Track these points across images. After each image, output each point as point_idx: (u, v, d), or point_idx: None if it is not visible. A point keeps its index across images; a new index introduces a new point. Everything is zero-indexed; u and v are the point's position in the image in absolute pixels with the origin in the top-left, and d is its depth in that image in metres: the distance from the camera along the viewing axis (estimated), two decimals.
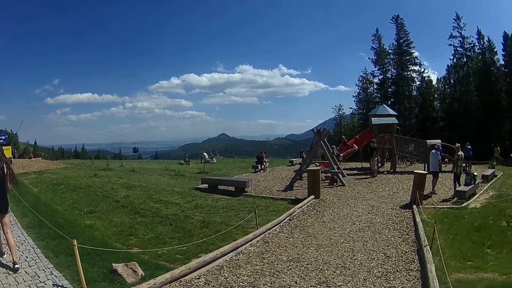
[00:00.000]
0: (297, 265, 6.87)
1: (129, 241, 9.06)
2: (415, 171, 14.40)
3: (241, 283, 5.87)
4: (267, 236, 8.92)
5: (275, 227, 9.62)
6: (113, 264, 5.81)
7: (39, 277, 5.48)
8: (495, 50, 52.00)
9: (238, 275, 6.24)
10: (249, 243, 8.10)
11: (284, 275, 6.35)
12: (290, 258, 7.33)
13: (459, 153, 15.09)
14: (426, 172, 14.19)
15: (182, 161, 30.83)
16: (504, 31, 51.26)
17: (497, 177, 18.70)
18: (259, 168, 22.53)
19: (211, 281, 5.89)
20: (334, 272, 6.55)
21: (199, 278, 5.98)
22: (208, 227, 10.13)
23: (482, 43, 52.44)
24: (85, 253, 6.09)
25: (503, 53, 51.01)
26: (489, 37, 52.80)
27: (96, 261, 6.40)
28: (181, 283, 5.69)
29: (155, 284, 5.14)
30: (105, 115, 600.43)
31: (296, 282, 6.04)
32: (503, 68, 50.98)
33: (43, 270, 5.79)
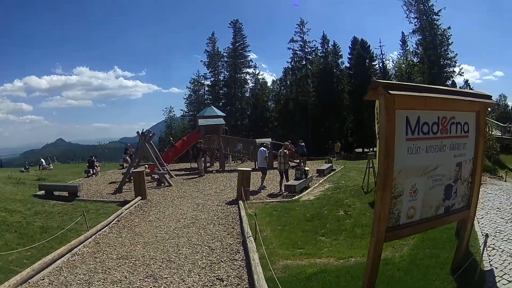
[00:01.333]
0: (126, 262, 7.46)
1: None
2: (238, 168, 15.60)
3: (78, 281, 6.45)
4: (98, 237, 9.39)
5: (105, 228, 10.15)
6: None
7: None
8: (340, 53, 57.41)
9: (75, 274, 6.80)
10: (82, 245, 8.58)
11: (115, 271, 6.94)
12: (120, 256, 7.91)
13: (280, 150, 15.92)
14: (250, 169, 14.75)
15: (23, 169, 29.04)
16: (354, 36, 57.16)
17: (336, 170, 20.09)
18: (91, 172, 22.47)
19: (53, 281, 6.46)
20: (160, 266, 7.18)
21: (43, 279, 6.51)
22: (47, 232, 10.42)
23: (326, 47, 57.32)
24: None
25: (349, 56, 56.32)
26: (335, 41, 57.86)
27: None
28: (30, 284, 6.24)
29: (9, 286, 5.80)
30: None
31: (126, 277, 6.64)
32: (348, 71, 56.05)
33: None
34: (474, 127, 5.55)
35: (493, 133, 30.57)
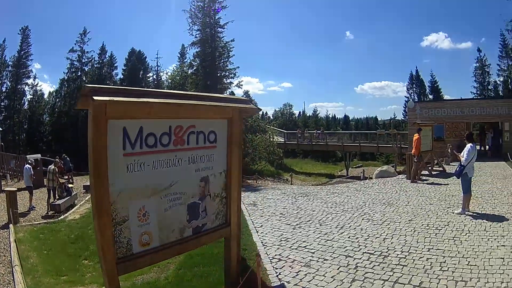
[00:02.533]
0: None
1: None
2: (5, 189, 14.41)
3: None
4: None
5: None
6: None
7: None
8: (115, 64, 56.66)
9: None
10: None
11: None
12: None
13: (50, 166, 15.33)
14: (15, 189, 13.68)
15: None
16: (132, 47, 56.85)
17: None
18: None
19: None
20: None
21: None
22: None
23: (103, 57, 56.02)
24: None
25: (124, 68, 56.09)
26: (112, 52, 56.69)
27: None
28: None
29: None
30: None
31: None
32: (122, 82, 54.56)
33: None
34: (225, 136, 5.07)
35: (274, 140, 34.54)
